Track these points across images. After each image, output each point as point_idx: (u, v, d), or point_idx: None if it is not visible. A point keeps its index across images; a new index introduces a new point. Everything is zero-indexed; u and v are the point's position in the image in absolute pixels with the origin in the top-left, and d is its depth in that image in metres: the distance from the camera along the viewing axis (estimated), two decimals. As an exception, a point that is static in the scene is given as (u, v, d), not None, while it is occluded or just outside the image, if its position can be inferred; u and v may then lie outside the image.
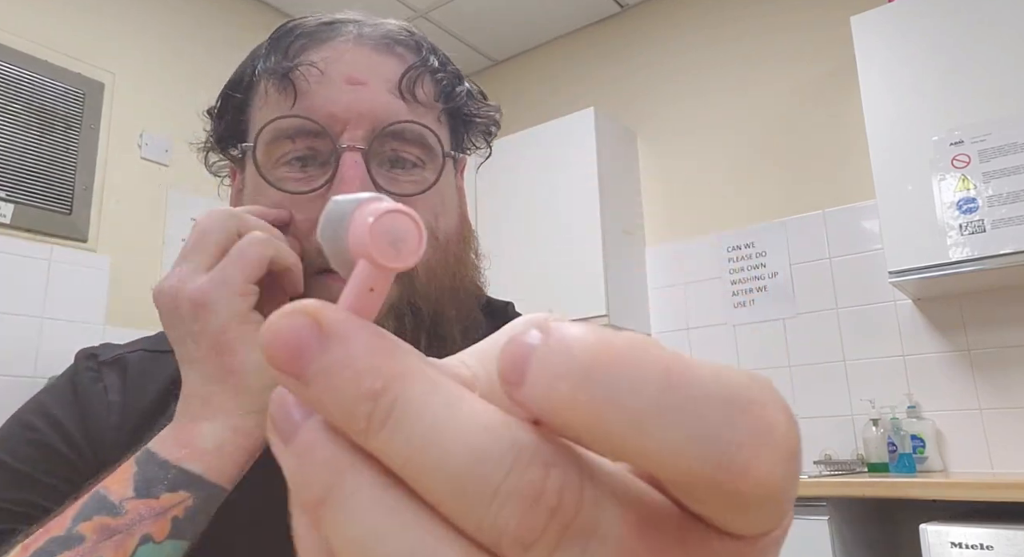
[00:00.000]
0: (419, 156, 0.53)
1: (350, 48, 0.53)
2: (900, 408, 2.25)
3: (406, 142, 0.52)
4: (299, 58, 0.53)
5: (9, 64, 2.31)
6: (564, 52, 3.40)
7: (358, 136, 0.51)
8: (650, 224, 2.98)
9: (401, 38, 0.55)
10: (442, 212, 0.55)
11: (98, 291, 2.40)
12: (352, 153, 0.50)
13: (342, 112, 0.51)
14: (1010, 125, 1.97)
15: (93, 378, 0.58)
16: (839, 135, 2.57)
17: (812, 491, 1.84)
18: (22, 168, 2.29)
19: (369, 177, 0.50)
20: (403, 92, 0.53)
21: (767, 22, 2.82)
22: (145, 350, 0.61)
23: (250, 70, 0.57)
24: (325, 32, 0.54)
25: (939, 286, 2.16)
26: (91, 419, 0.55)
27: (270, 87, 0.54)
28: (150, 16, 2.73)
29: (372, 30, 0.55)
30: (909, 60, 2.15)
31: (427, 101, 0.54)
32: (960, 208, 2.00)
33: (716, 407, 0.14)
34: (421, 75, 0.54)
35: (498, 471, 0.14)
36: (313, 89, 0.52)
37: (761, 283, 2.63)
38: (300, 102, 0.52)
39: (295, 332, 0.15)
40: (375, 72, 0.53)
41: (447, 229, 0.55)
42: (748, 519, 0.15)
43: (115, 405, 0.56)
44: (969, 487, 1.66)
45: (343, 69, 0.52)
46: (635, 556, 0.14)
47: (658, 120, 3.05)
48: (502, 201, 2.98)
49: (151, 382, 0.58)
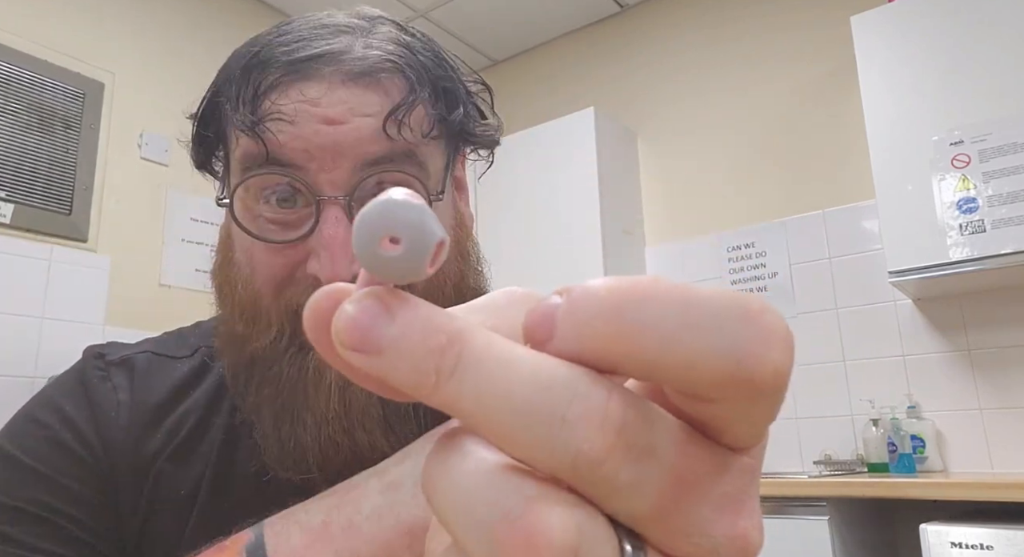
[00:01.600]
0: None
1: (326, 87, 0.47)
2: (900, 408, 2.25)
3: (390, 185, 0.47)
4: (269, 103, 0.47)
5: (9, 64, 2.31)
6: (564, 52, 3.40)
7: (338, 180, 0.47)
8: (650, 224, 2.98)
9: (388, 65, 0.49)
10: None
11: (98, 291, 2.40)
12: (333, 207, 0.46)
13: (318, 149, 0.46)
14: (1010, 125, 1.97)
15: (102, 377, 0.57)
16: (839, 135, 2.57)
17: (812, 491, 1.84)
18: (22, 168, 2.29)
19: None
20: (388, 133, 0.48)
21: (767, 22, 2.82)
22: (152, 352, 0.60)
23: (219, 104, 0.51)
24: (300, 69, 0.48)
25: (939, 286, 2.16)
26: (102, 418, 0.54)
27: (240, 137, 0.49)
28: (150, 16, 2.73)
29: (352, 63, 0.48)
30: (909, 60, 2.15)
31: (415, 136, 0.49)
32: (960, 208, 2.00)
33: (730, 317, 0.16)
34: (408, 112, 0.48)
35: (563, 398, 0.16)
36: (284, 140, 0.47)
37: (761, 283, 2.63)
38: (271, 152, 0.47)
39: (367, 312, 0.17)
40: (355, 110, 0.47)
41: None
42: (756, 416, 0.17)
43: (124, 405, 0.55)
44: (969, 487, 1.66)
45: (318, 112, 0.47)
46: (680, 471, 0.17)
47: (658, 120, 3.05)
48: (502, 201, 2.98)
49: (158, 384, 0.58)
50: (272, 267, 0.48)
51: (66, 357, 2.28)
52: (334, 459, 0.46)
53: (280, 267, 0.48)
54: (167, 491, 0.53)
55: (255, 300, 0.49)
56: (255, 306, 0.49)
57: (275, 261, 0.48)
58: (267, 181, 0.48)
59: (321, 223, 0.46)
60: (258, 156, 0.48)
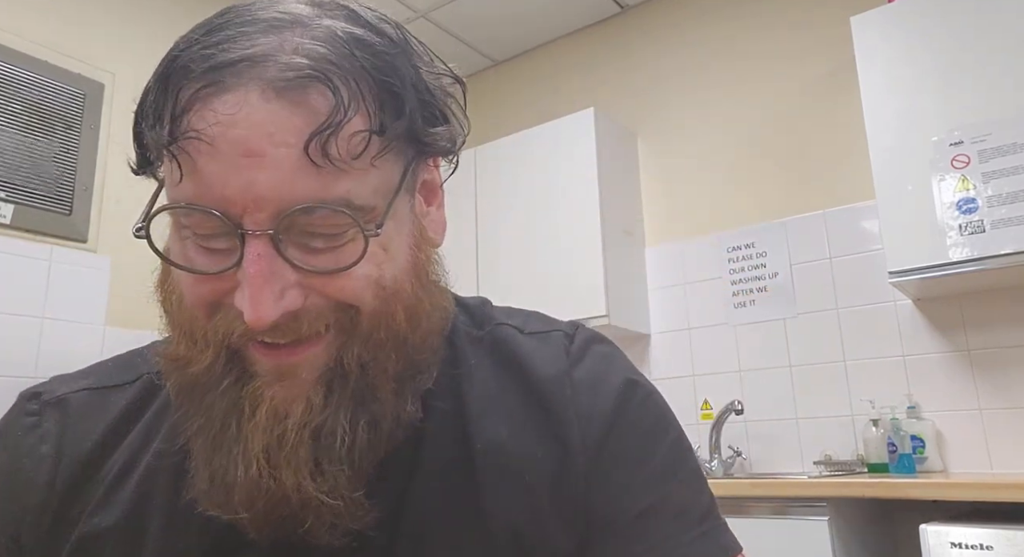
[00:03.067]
0: (340, 225, 0.44)
1: (245, 103, 0.42)
2: (900, 408, 2.25)
3: (320, 217, 0.43)
4: (185, 119, 0.43)
5: (9, 64, 2.31)
6: (564, 52, 3.40)
7: (262, 219, 0.42)
8: (650, 224, 2.98)
9: (310, 80, 0.43)
10: (386, 260, 0.47)
11: (98, 291, 2.41)
12: (256, 242, 0.42)
13: (238, 195, 0.42)
14: (1010, 125, 1.97)
15: (30, 426, 0.55)
16: (839, 135, 2.57)
17: (812, 491, 1.84)
18: (22, 168, 2.29)
19: (280, 259, 0.43)
20: (312, 158, 0.42)
21: (767, 22, 2.82)
22: (90, 389, 0.57)
23: (139, 117, 0.47)
24: (218, 80, 0.43)
25: (939, 286, 2.16)
26: (18, 477, 0.53)
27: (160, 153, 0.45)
28: (150, 16, 2.73)
29: (275, 73, 0.42)
30: (909, 60, 2.15)
31: (346, 159, 0.43)
32: (960, 208, 2.00)
33: None
34: (334, 134, 0.42)
35: None
36: (203, 166, 0.42)
37: (761, 283, 2.63)
38: (188, 181, 0.43)
39: None
40: (275, 138, 0.42)
41: (396, 274, 0.47)
42: None
43: (46, 460, 0.53)
44: (969, 487, 1.66)
45: (237, 136, 0.42)
46: None
47: (658, 120, 3.05)
48: (502, 201, 2.98)
49: (93, 426, 0.55)
50: (201, 293, 0.45)
51: (66, 357, 2.28)
52: (258, 499, 0.45)
53: (208, 293, 0.45)
54: (93, 544, 0.51)
55: (191, 321, 0.46)
56: (191, 327, 0.46)
57: (203, 288, 0.45)
58: (182, 211, 0.45)
59: (244, 259, 0.43)
60: (174, 177, 0.44)
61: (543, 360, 0.56)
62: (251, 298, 0.42)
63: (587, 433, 0.53)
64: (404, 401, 0.49)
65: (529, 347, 0.57)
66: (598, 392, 0.54)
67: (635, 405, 0.55)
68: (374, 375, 0.47)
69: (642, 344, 2.84)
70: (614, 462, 0.52)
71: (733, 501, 1.94)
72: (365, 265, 0.45)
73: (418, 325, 0.50)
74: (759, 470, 2.53)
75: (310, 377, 0.46)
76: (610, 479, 0.52)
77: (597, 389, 0.54)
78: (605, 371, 0.56)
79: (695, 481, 0.55)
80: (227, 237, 0.44)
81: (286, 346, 0.45)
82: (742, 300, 2.66)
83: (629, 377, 0.56)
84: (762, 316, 2.61)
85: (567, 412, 0.53)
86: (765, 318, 2.60)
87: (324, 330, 0.46)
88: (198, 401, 0.47)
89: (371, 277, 0.46)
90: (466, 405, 0.53)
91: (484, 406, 0.53)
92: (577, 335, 0.59)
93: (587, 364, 0.56)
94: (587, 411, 0.53)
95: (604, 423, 0.53)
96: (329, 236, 0.44)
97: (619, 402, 0.54)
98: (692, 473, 0.55)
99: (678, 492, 0.53)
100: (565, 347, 0.57)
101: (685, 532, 0.52)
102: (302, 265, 0.44)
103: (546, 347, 0.57)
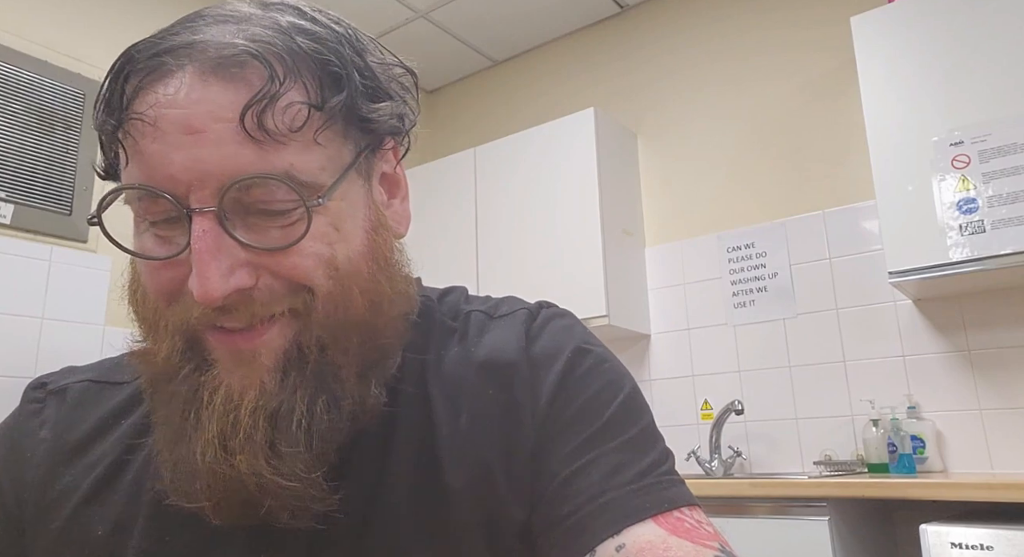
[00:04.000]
0: (285, 200, 0.45)
1: (184, 84, 0.44)
2: (900, 408, 2.25)
3: (263, 192, 0.44)
4: (131, 106, 0.45)
5: (9, 64, 2.31)
6: (564, 52, 3.40)
7: (206, 196, 0.43)
8: (650, 224, 2.98)
9: (244, 58, 0.44)
10: (339, 239, 0.47)
11: (98, 291, 2.40)
12: (201, 218, 0.43)
13: (182, 173, 0.43)
14: (1010, 125, 1.97)
15: (34, 411, 0.58)
16: (839, 135, 2.57)
17: (812, 491, 1.84)
18: (22, 168, 2.29)
19: (228, 236, 0.44)
20: (250, 132, 0.43)
21: (767, 22, 2.82)
22: (92, 380, 0.59)
23: (95, 120, 0.48)
24: (158, 66, 0.44)
25: (939, 286, 2.16)
26: (18, 457, 0.56)
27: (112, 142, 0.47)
28: (150, 16, 2.73)
29: (211, 54, 0.44)
30: (909, 60, 2.15)
31: (284, 131, 0.44)
32: (960, 208, 2.00)
33: None
34: (269, 104, 0.44)
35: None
36: (147, 147, 0.44)
37: (761, 283, 2.63)
38: (135, 164, 0.45)
39: None
40: (215, 113, 0.43)
41: (350, 255, 0.48)
42: None
43: (44, 442, 0.56)
44: (969, 487, 1.66)
45: (178, 115, 0.43)
46: None
47: (658, 120, 3.05)
48: (502, 201, 2.98)
49: (87, 414, 0.57)
50: (159, 282, 0.46)
51: (66, 357, 2.28)
52: (216, 485, 0.45)
53: (167, 282, 0.46)
54: (80, 531, 0.52)
55: (154, 312, 0.47)
56: (154, 318, 0.47)
57: (161, 276, 0.46)
58: (131, 194, 0.46)
59: (191, 237, 0.43)
60: (127, 166, 0.46)
61: (505, 341, 0.56)
62: (199, 274, 0.43)
63: (536, 408, 0.52)
64: (367, 385, 0.49)
65: (495, 331, 0.57)
66: (550, 365, 0.54)
67: (580, 373, 0.54)
68: (334, 357, 0.47)
69: (642, 344, 2.84)
70: (555, 431, 0.52)
71: (733, 501, 1.94)
72: (315, 243, 0.45)
73: (379, 310, 0.50)
74: (759, 470, 2.53)
75: (268, 363, 0.46)
76: (551, 448, 0.51)
77: (549, 363, 0.54)
78: (559, 344, 0.56)
79: (640, 442, 0.52)
80: (179, 223, 0.45)
81: (242, 332, 0.45)
82: (742, 300, 2.66)
83: (579, 346, 0.56)
84: (762, 316, 2.61)
85: (523, 391, 0.53)
86: (765, 318, 2.60)
87: (279, 314, 0.46)
88: (161, 392, 0.47)
89: (322, 256, 0.46)
90: (430, 393, 0.54)
91: (448, 392, 0.54)
92: (540, 313, 0.59)
93: (543, 339, 0.56)
94: (539, 387, 0.53)
95: (550, 395, 0.53)
96: (276, 214, 0.45)
97: (564, 371, 0.54)
98: (638, 434, 0.52)
99: (615, 453, 0.50)
100: (527, 326, 0.57)
101: (616, 488, 0.48)
102: (249, 243, 0.44)
103: (510, 327, 0.57)
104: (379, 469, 0.51)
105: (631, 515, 0.47)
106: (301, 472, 0.45)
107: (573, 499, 0.49)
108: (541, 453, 0.51)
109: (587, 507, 0.48)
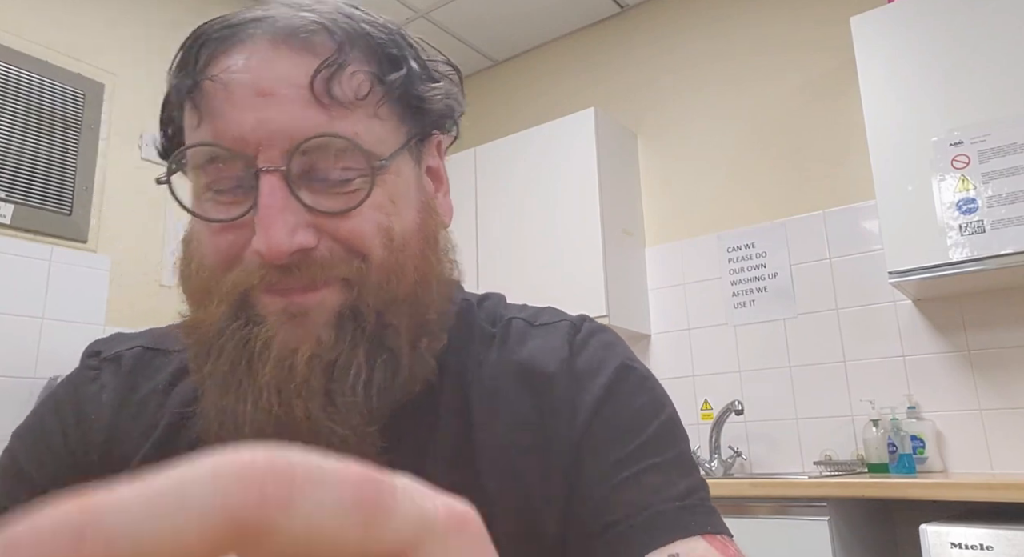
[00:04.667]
0: (349, 166, 0.47)
1: (256, 51, 0.47)
2: (900, 408, 2.25)
3: (329, 155, 0.46)
4: (204, 71, 0.47)
5: (9, 64, 2.31)
6: (564, 52, 3.40)
7: (274, 156, 0.45)
8: (650, 224, 2.98)
9: (315, 27, 0.48)
10: (394, 212, 0.49)
11: (98, 291, 2.40)
12: (270, 176, 0.45)
13: (251, 133, 0.45)
14: (1010, 125, 1.97)
15: (92, 377, 0.59)
16: (839, 135, 2.57)
17: (812, 491, 1.84)
18: (22, 168, 2.29)
19: (293, 197, 0.45)
20: (318, 96, 0.46)
21: (767, 22, 2.82)
22: (143, 347, 0.61)
23: (169, 86, 0.52)
24: (230, 36, 0.48)
25: (939, 286, 2.16)
26: (84, 420, 0.57)
27: (184, 108, 0.49)
28: (150, 16, 2.73)
29: (283, 25, 0.47)
30: (909, 60, 2.15)
31: (350, 99, 0.47)
32: (960, 208, 2.00)
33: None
34: (337, 72, 0.46)
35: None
36: (219, 108, 0.46)
37: (761, 283, 2.63)
38: (207, 124, 0.47)
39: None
40: (285, 77, 0.46)
41: (403, 230, 0.49)
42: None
43: (106, 405, 0.57)
44: (969, 487, 1.66)
45: (249, 79, 0.46)
46: None
47: (658, 120, 3.05)
48: (502, 201, 2.98)
49: (142, 380, 0.58)
50: (220, 246, 0.47)
51: (66, 357, 2.28)
52: (266, 429, 0.45)
53: (227, 246, 0.47)
54: None
55: (209, 280, 0.48)
56: (208, 286, 0.48)
57: (221, 240, 0.47)
58: (201, 152, 0.47)
59: (259, 195, 0.45)
60: (194, 123, 0.48)
61: (546, 351, 0.56)
62: (266, 228, 0.44)
63: (576, 420, 0.53)
64: (419, 354, 0.50)
65: (536, 340, 0.57)
66: (593, 380, 0.54)
67: (625, 388, 0.54)
68: (389, 320, 0.48)
69: (642, 344, 2.84)
70: (597, 443, 0.52)
71: (733, 501, 1.94)
72: (373, 211, 0.47)
73: (428, 287, 0.51)
74: (759, 470, 2.53)
75: (322, 319, 0.46)
76: (592, 459, 0.51)
77: (593, 377, 0.55)
78: (603, 358, 0.56)
79: (682, 463, 0.52)
80: (241, 191, 0.47)
81: (297, 290, 0.46)
82: (742, 300, 2.66)
83: (623, 362, 0.56)
84: (762, 316, 2.61)
85: (563, 402, 0.53)
86: (765, 318, 2.60)
87: (335, 280, 0.47)
88: (208, 350, 0.48)
89: (380, 224, 0.48)
90: (469, 394, 0.54)
91: (486, 397, 0.54)
92: (584, 326, 0.59)
93: (587, 353, 0.56)
94: (581, 399, 0.53)
95: (592, 407, 0.53)
96: (338, 182, 0.47)
97: (609, 385, 0.54)
98: (679, 456, 0.53)
99: (658, 469, 0.51)
100: (570, 337, 0.57)
101: (662, 503, 0.49)
102: (313, 205, 0.46)
103: (551, 337, 0.57)
104: (420, 453, 0.52)
105: (680, 529, 0.47)
106: (356, 423, 0.46)
107: (618, 509, 0.49)
108: (581, 464, 0.51)
109: (635, 518, 0.48)
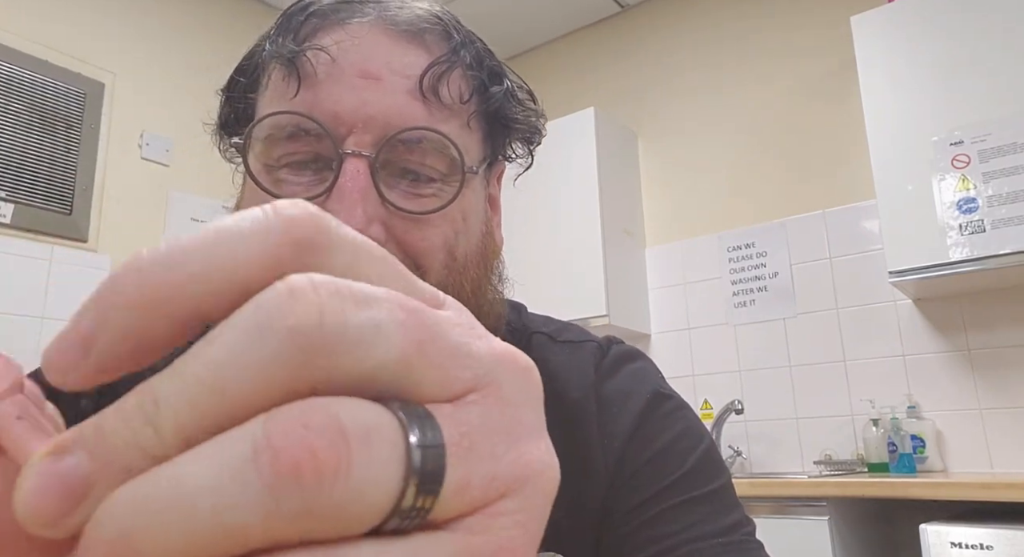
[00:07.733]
0: (437, 168, 0.45)
1: (368, 32, 0.45)
2: (900, 408, 2.25)
3: (422, 152, 0.44)
4: (309, 41, 0.45)
5: (9, 64, 2.31)
6: (564, 52, 3.40)
7: (365, 141, 0.43)
8: (650, 224, 2.98)
9: (429, 24, 0.47)
10: (463, 231, 0.47)
11: (98, 291, 2.40)
12: (356, 160, 0.43)
13: (348, 113, 0.43)
14: (1010, 125, 1.97)
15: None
16: (839, 135, 2.57)
17: (812, 491, 1.84)
18: (22, 168, 2.29)
19: (374, 188, 0.43)
20: (424, 92, 0.45)
21: (767, 22, 2.82)
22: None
23: (258, 51, 0.49)
24: (342, 11, 0.46)
25: (939, 286, 2.16)
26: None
27: (274, 73, 0.47)
28: (150, 16, 2.73)
29: (397, 13, 0.46)
30: (909, 60, 2.15)
31: (453, 103, 0.46)
32: (960, 208, 2.00)
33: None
34: (448, 72, 0.45)
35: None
36: (320, 80, 0.44)
37: (761, 283, 2.63)
38: (304, 93, 0.44)
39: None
40: (393, 65, 0.45)
41: (467, 251, 0.48)
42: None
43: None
44: (969, 487, 1.66)
45: (356, 58, 0.44)
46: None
47: (658, 120, 3.05)
48: (502, 201, 2.97)
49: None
50: None
51: (66, 357, 2.28)
52: None
53: None
54: None
55: None
56: None
57: None
58: (291, 121, 0.44)
59: (341, 176, 0.43)
60: (289, 96, 0.45)
61: (571, 373, 0.54)
62: (345, 210, 0.42)
63: (609, 448, 0.50)
64: None
65: (560, 357, 0.55)
66: (624, 408, 0.52)
67: (660, 416, 0.52)
68: None
69: (642, 344, 2.83)
70: (631, 472, 0.50)
71: (733, 501, 1.94)
72: (444, 224, 0.46)
73: (480, 310, 0.49)
74: (759, 470, 2.53)
75: None
76: (628, 490, 0.49)
77: (623, 405, 0.52)
78: (633, 385, 0.54)
79: (724, 497, 0.50)
80: (318, 168, 0.44)
81: None
82: (742, 300, 2.66)
83: (657, 390, 0.54)
84: (762, 316, 2.61)
85: (591, 432, 0.51)
86: (765, 318, 2.60)
87: None
88: None
89: (447, 240, 0.46)
90: None
91: None
92: (612, 349, 0.57)
93: (617, 379, 0.54)
94: (611, 429, 0.51)
95: (626, 436, 0.51)
96: (419, 181, 0.45)
97: (643, 414, 0.52)
98: (720, 489, 0.50)
99: (699, 503, 0.48)
100: (596, 360, 0.55)
101: (702, 539, 0.46)
102: (392, 201, 0.44)
103: (576, 358, 0.55)
104: None
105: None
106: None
107: (656, 544, 0.47)
108: (616, 494, 0.49)
109: (673, 553, 0.46)
